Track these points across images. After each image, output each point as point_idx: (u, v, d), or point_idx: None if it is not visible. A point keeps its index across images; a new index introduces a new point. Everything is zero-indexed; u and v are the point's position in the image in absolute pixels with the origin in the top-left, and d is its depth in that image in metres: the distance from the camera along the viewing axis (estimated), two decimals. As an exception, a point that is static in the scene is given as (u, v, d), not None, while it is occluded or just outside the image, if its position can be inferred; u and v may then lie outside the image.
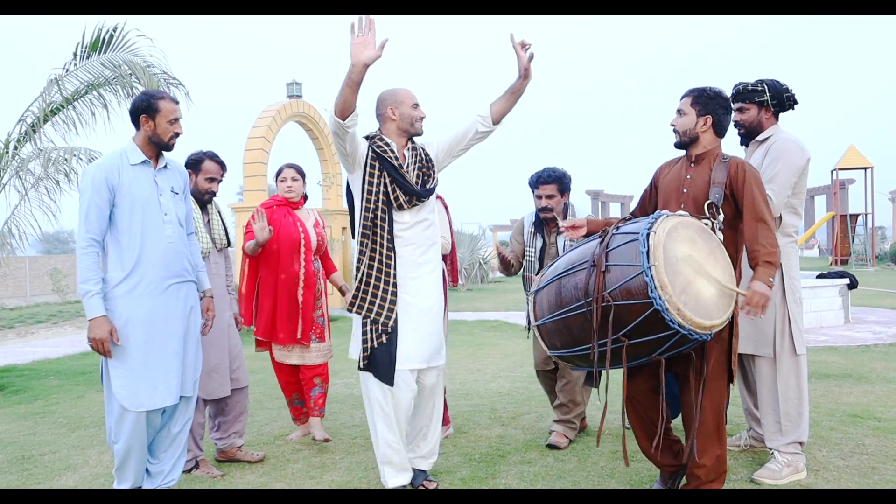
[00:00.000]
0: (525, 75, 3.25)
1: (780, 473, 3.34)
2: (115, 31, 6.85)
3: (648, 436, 3.05)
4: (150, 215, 3.10)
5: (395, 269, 3.23)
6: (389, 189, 3.22)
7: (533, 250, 4.23)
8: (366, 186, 3.23)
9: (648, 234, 2.64)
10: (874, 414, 4.50)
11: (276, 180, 4.32)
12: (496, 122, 3.36)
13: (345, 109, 3.04)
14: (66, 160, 6.92)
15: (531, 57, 3.20)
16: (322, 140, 14.28)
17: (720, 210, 2.96)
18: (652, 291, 2.55)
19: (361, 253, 3.23)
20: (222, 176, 3.85)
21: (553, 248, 4.20)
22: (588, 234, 3.17)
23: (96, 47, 6.83)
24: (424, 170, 3.35)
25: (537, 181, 4.16)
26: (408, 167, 3.30)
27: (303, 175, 4.32)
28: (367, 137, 3.31)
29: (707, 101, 3.06)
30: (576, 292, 2.79)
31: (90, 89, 7.02)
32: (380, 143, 3.27)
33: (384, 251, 3.22)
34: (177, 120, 3.17)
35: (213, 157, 3.82)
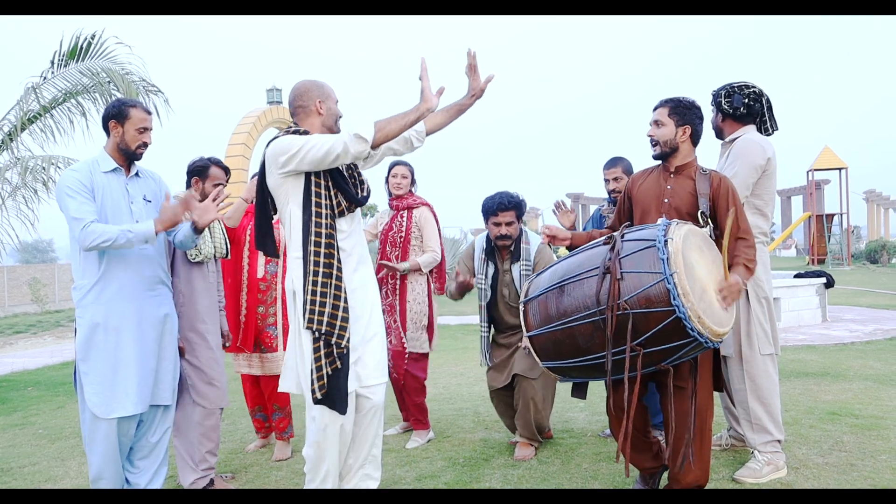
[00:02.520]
0: (478, 95, 3.08)
1: (761, 472, 3.38)
2: (93, 38, 6.81)
3: (632, 442, 3.06)
4: (121, 222, 3.07)
5: (344, 282, 2.91)
6: (332, 193, 2.92)
7: (484, 277, 4.06)
8: (314, 189, 2.88)
9: (666, 241, 2.60)
10: (852, 411, 4.57)
11: None
12: (428, 134, 3.12)
13: (388, 139, 2.87)
14: (44, 169, 6.87)
15: (489, 79, 3.04)
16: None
17: (709, 219, 3.02)
18: (675, 299, 2.51)
19: (315, 264, 2.84)
20: (227, 181, 3.74)
21: (507, 275, 4.02)
22: (571, 248, 3.17)
23: (74, 55, 6.78)
24: (350, 170, 3.04)
25: (497, 208, 3.91)
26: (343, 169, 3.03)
27: None
28: (296, 133, 2.93)
29: (685, 112, 3.11)
30: (585, 300, 2.70)
31: (68, 97, 6.98)
32: None
33: (336, 263, 2.89)
34: (146, 130, 3.15)
35: (218, 162, 3.72)
